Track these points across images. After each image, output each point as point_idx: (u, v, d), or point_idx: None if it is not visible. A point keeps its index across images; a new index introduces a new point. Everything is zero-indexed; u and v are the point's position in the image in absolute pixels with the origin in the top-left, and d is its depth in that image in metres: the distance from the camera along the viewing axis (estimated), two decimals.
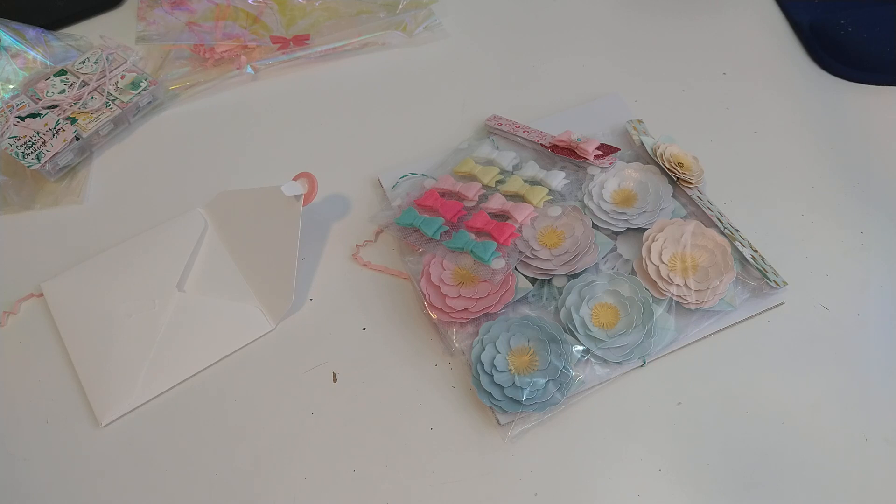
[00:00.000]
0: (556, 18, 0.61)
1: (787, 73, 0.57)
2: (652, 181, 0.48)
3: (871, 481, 0.38)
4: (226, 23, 0.58)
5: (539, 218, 0.46)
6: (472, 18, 0.61)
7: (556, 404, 0.40)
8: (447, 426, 0.40)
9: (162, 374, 0.42)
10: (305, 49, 0.57)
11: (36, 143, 0.49)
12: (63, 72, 0.53)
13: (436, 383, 0.42)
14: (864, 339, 0.43)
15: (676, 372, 0.42)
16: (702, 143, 0.52)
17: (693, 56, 0.59)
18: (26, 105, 0.51)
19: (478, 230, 0.45)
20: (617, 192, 0.48)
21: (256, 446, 0.40)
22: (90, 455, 0.40)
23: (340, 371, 0.42)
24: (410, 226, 0.46)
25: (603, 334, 0.42)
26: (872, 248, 0.47)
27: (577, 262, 0.44)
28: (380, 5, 0.60)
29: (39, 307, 0.45)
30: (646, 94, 0.56)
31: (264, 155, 0.53)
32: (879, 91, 0.56)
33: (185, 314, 0.44)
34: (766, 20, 0.61)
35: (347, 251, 0.47)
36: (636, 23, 0.61)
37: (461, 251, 0.44)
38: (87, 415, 0.41)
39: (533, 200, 0.47)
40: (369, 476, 0.39)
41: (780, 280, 0.44)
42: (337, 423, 0.40)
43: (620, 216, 0.46)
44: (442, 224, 0.45)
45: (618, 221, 0.46)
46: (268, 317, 0.44)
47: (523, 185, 0.48)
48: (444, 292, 0.43)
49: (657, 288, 0.43)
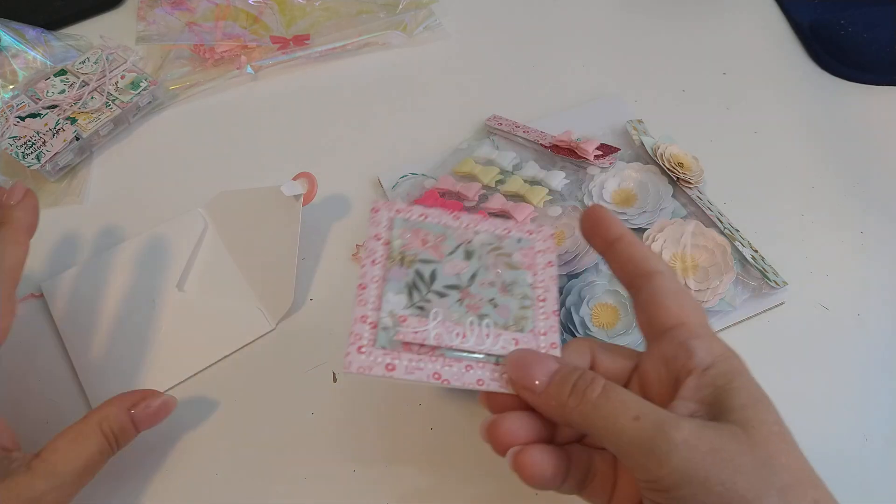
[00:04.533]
0: (557, 18, 0.61)
1: (787, 73, 0.57)
2: (652, 181, 0.48)
3: (871, 481, 0.38)
4: (226, 23, 0.58)
5: (539, 218, 0.46)
6: (472, 18, 0.61)
7: None
8: (447, 426, 0.40)
9: (162, 373, 0.42)
10: (305, 49, 0.57)
11: (36, 143, 0.49)
12: (63, 72, 0.53)
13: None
14: (864, 339, 0.43)
15: None
16: (702, 143, 0.52)
17: (693, 56, 0.59)
18: (26, 105, 0.51)
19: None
20: (617, 192, 0.48)
21: (256, 446, 0.40)
22: None
23: (340, 371, 0.42)
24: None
25: (603, 334, 0.42)
26: (873, 248, 0.47)
27: (577, 262, 0.44)
28: (380, 5, 0.60)
29: (39, 307, 0.45)
30: (646, 94, 0.56)
31: (264, 155, 0.53)
32: (880, 91, 0.56)
33: (185, 314, 0.44)
34: (767, 20, 0.61)
35: (347, 251, 0.47)
36: (636, 23, 0.61)
37: None
38: None
39: (533, 200, 0.47)
40: (369, 476, 0.39)
41: (781, 280, 0.44)
42: (337, 423, 0.40)
43: (620, 216, 0.46)
44: None
45: None
46: (268, 317, 0.44)
47: (523, 185, 0.48)
48: None
49: None
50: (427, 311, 0.32)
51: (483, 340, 0.31)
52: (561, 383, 0.28)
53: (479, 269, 0.34)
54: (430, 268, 0.33)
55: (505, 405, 0.30)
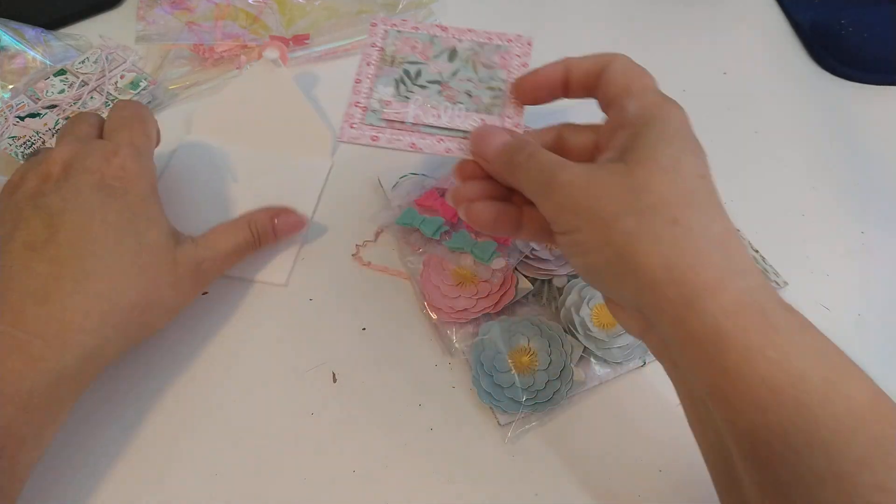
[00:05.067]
0: (556, 18, 0.61)
1: (787, 73, 0.57)
2: None
3: None
4: (225, 22, 0.58)
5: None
6: (472, 18, 0.61)
7: (557, 404, 0.40)
8: (447, 426, 0.40)
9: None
10: (305, 49, 0.57)
11: (35, 142, 0.49)
12: (62, 71, 0.53)
13: (436, 383, 0.42)
14: (865, 339, 0.43)
15: None
16: (702, 142, 0.51)
17: (693, 56, 0.59)
18: (25, 105, 0.51)
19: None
20: None
21: (256, 446, 0.40)
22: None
23: (340, 371, 0.42)
24: (410, 226, 0.46)
25: (603, 335, 0.42)
26: (873, 248, 0.47)
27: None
28: (380, 5, 0.60)
29: None
30: None
31: None
32: (880, 90, 0.56)
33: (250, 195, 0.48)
34: (767, 20, 0.61)
35: (347, 251, 0.47)
36: (636, 22, 0.61)
37: (461, 251, 0.44)
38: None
39: None
40: (369, 476, 0.39)
41: (781, 280, 0.44)
42: (337, 423, 0.40)
43: None
44: (442, 224, 0.45)
45: None
46: (320, 157, 0.49)
47: None
48: (444, 292, 0.43)
49: None
50: (410, 100, 0.38)
51: (454, 120, 0.37)
52: (504, 150, 0.33)
53: (460, 68, 0.39)
54: (417, 67, 0.39)
55: (472, 174, 0.35)
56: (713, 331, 0.26)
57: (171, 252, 0.37)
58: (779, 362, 0.25)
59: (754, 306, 0.26)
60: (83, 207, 0.35)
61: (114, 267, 0.35)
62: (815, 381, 0.25)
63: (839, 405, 0.24)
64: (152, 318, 0.37)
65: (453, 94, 0.38)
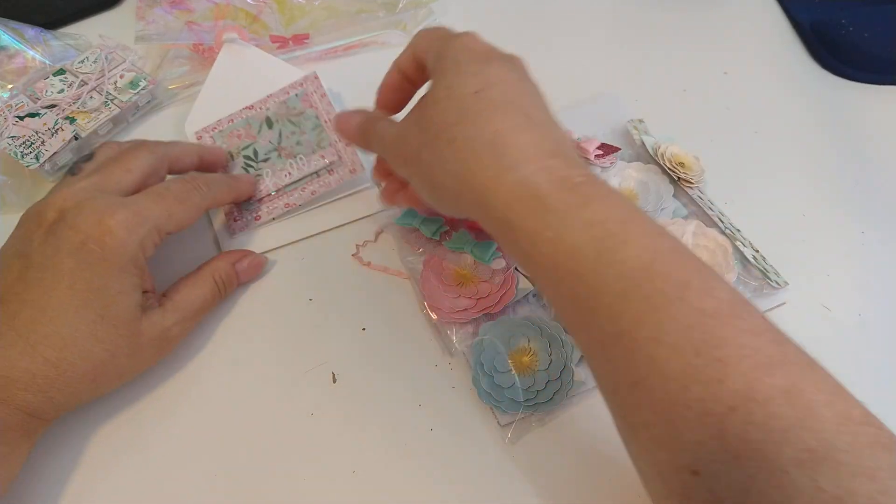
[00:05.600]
0: (556, 18, 0.61)
1: (788, 73, 0.57)
2: (653, 181, 0.48)
3: None
4: (225, 22, 0.58)
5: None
6: (472, 18, 0.61)
7: (557, 405, 0.40)
8: (447, 427, 0.40)
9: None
10: (305, 48, 0.57)
11: (35, 142, 0.49)
12: (62, 71, 0.53)
13: (436, 384, 0.42)
14: (865, 339, 0.43)
15: None
16: (702, 142, 0.52)
17: (693, 55, 0.59)
18: (25, 104, 0.51)
19: (478, 230, 0.45)
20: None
21: (255, 447, 0.40)
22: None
23: (340, 371, 0.42)
24: (410, 226, 0.45)
25: None
26: (873, 248, 0.47)
27: None
28: (379, 4, 0.60)
29: None
30: (646, 94, 0.56)
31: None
32: (881, 90, 0.56)
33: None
34: (767, 19, 0.61)
35: (347, 251, 0.47)
36: (636, 22, 0.61)
37: (461, 251, 0.44)
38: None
39: None
40: (369, 476, 0.39)
41: (782, 280, 0.44)
42: (337, 424, 0.40)
43: None
44: (442, 224, 0.45)
45: None
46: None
47: None
48: (444, 292, 0.43)
49: None
50: (263, 177, 0.46)
51: (302, 169, 0.46)
52: (358, 128, 0.39)
53: (281, 129, 0.47)
54: (251, 149, 0.47)
55: (387, 171, 0.43)
56: (505, 224, 0.29)
57: (134, 324, 0.36)
58: (553, 241, 0.28)
59: (528, 194, 0.29)
60: (56, 269, 0.35)
61: (68, 338, 0.34)
62: (587, 251, 0.27)
63: (613, 270, 0.27)
64: (104, 383, 0.37)
65: (290, 151, 0.46)
